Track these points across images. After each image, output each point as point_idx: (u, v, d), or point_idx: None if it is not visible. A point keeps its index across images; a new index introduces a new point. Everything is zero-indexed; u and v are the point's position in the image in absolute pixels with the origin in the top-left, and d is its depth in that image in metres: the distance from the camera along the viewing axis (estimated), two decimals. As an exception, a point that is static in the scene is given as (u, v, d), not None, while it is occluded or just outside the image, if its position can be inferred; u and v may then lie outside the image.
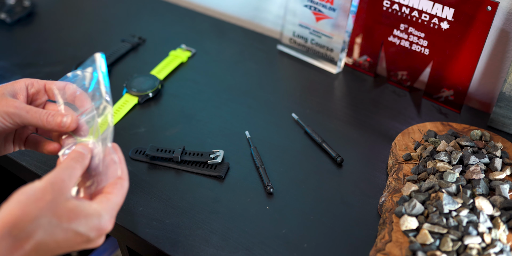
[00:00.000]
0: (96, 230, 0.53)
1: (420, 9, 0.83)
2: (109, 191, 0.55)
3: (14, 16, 1.06)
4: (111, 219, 0.54)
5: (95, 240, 0.54)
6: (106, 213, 0.53)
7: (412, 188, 0.69)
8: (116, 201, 0.55)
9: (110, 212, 0.54)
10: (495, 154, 0.73)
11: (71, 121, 0.59)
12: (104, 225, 0.53)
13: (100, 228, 0.53)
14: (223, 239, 0.68)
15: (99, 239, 0.55)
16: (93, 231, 0.53)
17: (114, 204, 0.55)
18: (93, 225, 0.52)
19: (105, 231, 0.54)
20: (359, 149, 0.80)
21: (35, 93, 0.63)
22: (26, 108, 0.59)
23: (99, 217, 0.53)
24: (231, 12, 1.13)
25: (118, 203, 0.55)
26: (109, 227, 0.54)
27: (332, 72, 0.95)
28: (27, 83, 0.62)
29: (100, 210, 0.53)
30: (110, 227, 0.54)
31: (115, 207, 0.55)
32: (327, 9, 0.91)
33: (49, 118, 0.59)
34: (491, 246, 0.61)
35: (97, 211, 0.53)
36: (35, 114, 0.59)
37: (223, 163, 0.76)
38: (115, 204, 0.55)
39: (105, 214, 0.53)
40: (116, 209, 0.55)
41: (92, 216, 0.52)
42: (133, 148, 0.79)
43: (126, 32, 1.04)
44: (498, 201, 0.67)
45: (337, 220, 0.70)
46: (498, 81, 0.87)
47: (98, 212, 0.53)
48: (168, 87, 0.91)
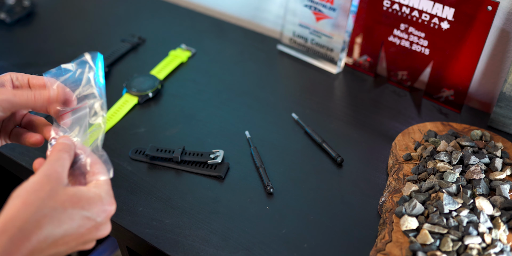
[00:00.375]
0: (102, 212, 0.53)
1: (420, 9, 0.83)
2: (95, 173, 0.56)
3: (14, 16, 1.06)
4: (111, 199, 0.54)
5: (104, 225, 0.54)
6: (106, 194, 0.54)
7: (412, 188, 0.69)
8: (107, 181, 0.56)
9: (108, 192, 0.55)
10: (495, 154, 0.73)
11: (58, 91, 0.59)
12: (108, 205, 0.54)
13: (105, 209, 0.53)
14: (223, 239, 0.68)
15: (107, 224, 0.55)
16: (99, 213, 0.53)
17: (106, 184, 0.55)
18: (98, 208, 0.53)
19: (110, 212, 0.54)
20: (359, 149, 0.80)
21: (19, 86, 0.63)
22: (12, 92, 0.58)
23: (100, 198, 0.53)
24: (231, 12, 1.13)
25: (108, 182, 0.56)
26: (113, 207, 0.54)
27: (332, 72, 0.95)
28: (13, 76, 0.62)
29: (100, 192, 0.53)
30: (114, 207, 0.55)
31: (109, 187, 0.55)
32: (327, 9, 0.91)
33: (36, 95, 0.59)
34: (491, 246, 0.61)
35: (97, 194, 0.53)
36: (22, 96, 0.58)
37: (223, 163, 0.76)
38: (107, 184, 0.55)
39: (105, 195, 0.54)
40: (111, 189, 0.55)
41: (94, 199, 0.53)
42: (133, 148, 0.79)
43: (126, 32, 1.04)
44: (498, 201, 0.67)
45: (337, 220, 0.70)
46: (498, 81, 0.87)
47: (98, 194, 0.53)
48: (168, 87, 0.91)
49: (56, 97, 0.59)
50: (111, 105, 0.87)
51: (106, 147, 0.80)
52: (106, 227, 0.55)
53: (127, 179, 0.75)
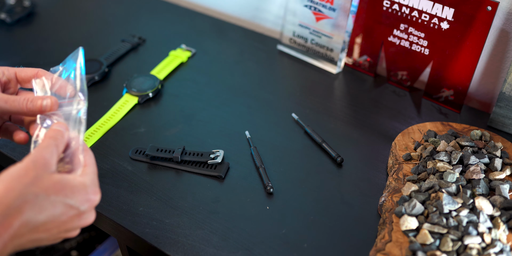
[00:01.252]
0: (85, 201, 0.53)
1: (420, 9, 0.83)
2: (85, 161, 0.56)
3: (14, 16, 1.06)
4: (96, 188, 0.55)
5: (87, 213, 0.54)
6: (91, 183, 0.54)
7: (412, 188, 0.69)
8: (93, 170, 0.56)
9: (94, 181, 0.55)
10: (495, 154, 0.73)
11: (52, 103, 0.59)
12: (92, 194, 0.54)
13: (89, 199, 0.53)
14: (223, 239, 0.68)
15: (91, 213, 0.55)
16: (82, 202, 0.53)
17: (93, 173, 0.55)
18: (81, 196, 0.53)
19: (94, 201, 0.54)
20: (359, 149, 0.80)
21: (7, 81, 0.63)
22: (3, 98, 0.59)
23: (85, 187, 0.53)
24: (231, 12, 1.13)
25: (94, 172, 0.56)
26: (97, 197, 0.55)
27: (332, 72, 0.95)
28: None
29: (85, 181, 0.54)
30: (98, 197, 0.55)
31: (95, 177, 0.55)
32: (327, 9, 0.91)
33: (29, 105, 0.59)
34: (491, 246, 0.61)
35: (81, 182, 0.53)
36: (14, 103, 0.59)
37: (223, 163, 0.76)
38: (93, 174, 0.55)
39: (90, 184, 0.54)
40: (96, 179, 0.56)
41: (78, 187, 0.53)
42: (133, 148, 0.79)
43: (126, 32, 1.04)
44: (498, 201, 0.67)
45: (337, 220, 0.70)
46: (498, 81, 0.87)
47: (83, 183, 0.53)
48: (168, 87, 0.91)
49: (50, 108, 0.59)
50: (111, 105, 0.87)
51: (106, 147, 0.80)
52: (90, 216, 0.55)
53: (127, 179, 0.75)
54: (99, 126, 0.83)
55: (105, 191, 0.73)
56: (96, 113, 0.85)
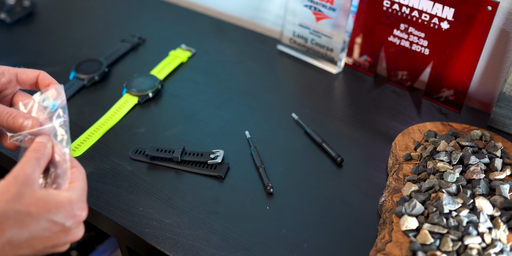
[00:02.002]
0: (70, 217, 0.52)
1: (420, 9, 0.83)
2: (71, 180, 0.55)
3: (14, 16, 1.06)
4: (82, 204, 0.54)
5: (74, 229, 0.53)
6: (76, 199, 0.53)
7: (412, 188, 0.69)
8: (81, 186, 0.55)
9: (80, 197, 0.54)
10: (495, 154, 0.73)
11: (32, 124, 0.58)
12: (78, 211, 0.53)
13: (75, 215, 0.53)
14: (223, 239, 0.68)
15: (78, 229, 0.54)
16: (67, 218, 0.52)
17: (81, 189, 0.54)
18: (66, 212, 0.52)
19: (80, 217, 0.53)
20: (359, 149, 0.80)
21: (5, 82, 0.62)
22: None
23: (70, 203, 0.52)
24: (231, 12, 1.13)
25: (83, 188, 0.55)
26: (84, 213, 0.54)
27: (332, 72, 0.95)
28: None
29: (70, 197, 0.53)
30: (85, 213, 0.54)
31: (83, 192, 0.55)
32: (327, 9, 0.91)
33: (9, 120, 0.58)
34: (491, 246, 0.61)
35: (67, 198, 0.52)
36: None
37: (223, 163, 0.76)
38: (82, 189, 0.55)
39: (76, 200, 0.53)
40: (84, 195, 0.55)
41: (63, 203, 0.52)
42: (133, 148, 0.79)
43: (126, 32, 1.04)
44: (498, 201, 0.67)
45: (337, 220, 0.70)
46: (498, 81, 0.87)
47: (68, 199, 0.52)
48: (168, 87, 0.91)
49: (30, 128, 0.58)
50: (111, 105, 0.87)
51: (106, 147, 0.80)
52: (77, 232, 0.54)
53: (127, 179, 0.75)
54: (99, 126, 0.83)
55: (105, 191, 0.73)
56: (96, 113, 0.85)
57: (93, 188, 0.74)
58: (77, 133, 0.82)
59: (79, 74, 0.91)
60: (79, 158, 0.78)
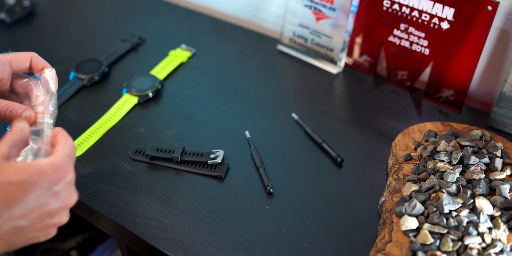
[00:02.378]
0: (56, 179, 0.52)
1: (420, 9, 0.83)
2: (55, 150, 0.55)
3: (14, 16, 1.06)
4: (66, 166, 0.53)
5: (63, 192, 0.53)
6: (59, 162, 0.53)
7: (412, 188, 0.69)
8: (65, 152, 0.54)
9: (63, 160, 0.53)
10: (495, 154, 0.73)
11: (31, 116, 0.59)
12: (62, 173, 0.52)
13: (59, 177, 0.52)
14: (223, 239, 0.68)
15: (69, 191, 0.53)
16: (52, 181, 0.51)
17: (64, 154, 0.54)
18: (50, 175, 0.51)
19: (65, 179, 0.53)
20: (359, 149, 0.80)
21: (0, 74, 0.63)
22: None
23: (52, 166, 0.52)
24: (231, 12, 1.13)
25: (67, 153, 0.55)
26: (69, 175, 0.53)
27: (332, 72, 0.95)
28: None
29: (50, 161, 0.52)
30: (71, 175, 0.53)
31: (66, 157, 0.54)
32: (327, 9, 0.91)
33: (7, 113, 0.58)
34: (491, 246, 0.61)
35: (47, 162, 0.52)
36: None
37: (223, 163, 0.76)
38: (65, 155, 0.54)
39: (58, 162, 0.53)
40: (68, 159, 0.54)
41: (44, 167, 0.51)
42: (133, 148, 0.79)
43: (126, 32, 1.04)
44: (498, 201, 0.67)
45: (337, 220, 0.70)
46: (498, 81, 0.87)
47: (49, 162, 0.52)
48: (168, 87, 0.91)
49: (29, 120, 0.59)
50: (111, 105, 0.87)
51: (106, 147, 0.80)
52: (69, 195, 0.54)
53: (127, 179, 0.75)
54: (99, 126, 0.83)
55: (105, 191, 0.73)
56: (96, 113, 0.85)
57: (93, 188, 0.74)
58: (77, 133, 0.82)
59: (79, 74, 0.91)
60: (79, 158, 0.78)
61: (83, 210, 0.74)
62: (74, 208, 0.76)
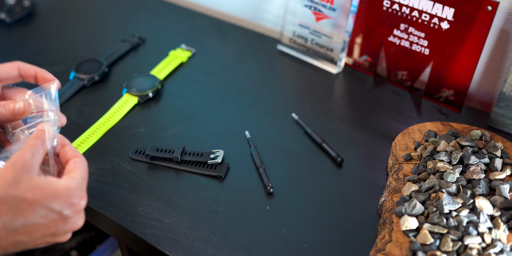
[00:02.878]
0: (68, 205, 0.52)
1: (420, 9, 0.83)
2: (71, 169, 0.55)
3: (14, 16, 1.06)
4: (81, 192, 0.53)
5: (72, 218, 0.53)
6: (75, 187, 0.53)
7: (412, 188, 0.69)
8: (82, 175, 0.55)
9: (79, 186, 0.53)
10: (495, 154, 0.73)
11: (25, 106, 0.59)
12: (76, 199, 0.52)
13: (73, 203, 0.52)
14: (223, 239, 0.68)
15: (77, 218, 0.54)
16: (65, 206, 0.52)
17: (81, 178, 0.54)
18: (64, 200, 0.51)
19: (78, 206, 0.53)
20: (359, 149, 0.80)
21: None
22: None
23: (68, 191, 0.52)
24: (231, 12, 1.13)
25: (83, 177, 0.55)
26: (82, 202, 0.53)
27: (332, 72, 0.95)
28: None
29: (68, 185, 0.52)
30: (84, 202, 0.54)
31: (83, 181, 0.54)
32: (327, 9, 0.91)
33: (1, 110, 0.58)
34: (491, 246, 0.61)
35: (65, 186, 0.52)
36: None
37: (223, 163, 0.76)
38: (81, 178, 0.54)
39: (75, 188, 0.53)
40: (84, 183, 0.54)
41: (61, 191, 0.51)
42: (133, 148, 0.79)
43: (126, 32, 1.04)
44: (498, 201, 0.67)
45: (337, 220, 0.70)
46: (498, 81, 0.87)
47: (66, 187, 0.52)
48: (168, 87, 0.91)
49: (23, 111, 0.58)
50: (111, 105, 0.87)
51: (106, 147, 0.80)
52: (76, 221, 0.54)
53: (127, 179, 0.75)
54: (99, 126, 0.83)
55: (105, 191, 0.73)
56: (96, 113, 0.85)
57: (93, 188, 0.74)
58: (77, 133, 0.82)
59: (79, 74, 0.91)
60: (79, 158, 0.78)
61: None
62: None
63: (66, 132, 0.82)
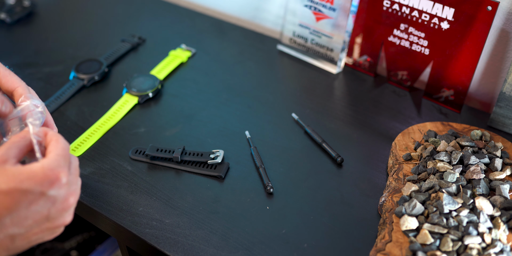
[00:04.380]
0: (48, 184, 0.50)
1: (420, 9, 0.83)
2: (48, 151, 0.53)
3: (14, 16, 1.06)
4: (59, 168, 0.51)
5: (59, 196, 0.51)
6: (50, 165, 0.51)
7: (412, 188, 0.69)
8: (57, 153, 0.52)
9: (55, 162, 0.51)
10: (495, 154, 0.73)
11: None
12: (54, 175, 0.50)
13: (51, 181, 0.50)
14: (223, 239, 0.68)
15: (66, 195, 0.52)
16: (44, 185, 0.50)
17: (56, 155, 0.52)
18: (41, 180, 0.50)
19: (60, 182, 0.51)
20: (359, 149, 0.80)
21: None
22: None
23: (43, 170, 0.50)
24: (231, 12, 1.13)
25: (59, 154, 0.53)
26: (64, 177, 0.51)
27: (332, 72, 0.95)
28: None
29: (42, 165, 0.51)
30: (65, 178, 0.51)
31: (59, 158, 0.52)
32: (327, 9, 0.91)
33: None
34: (491, 246, 0.61)
35: (39, 167, 0.50)
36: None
37: (223, 163, 0.76)
38: (57, 155, 0.52)
39: (50, 166, 0.51)
40: (61, 160, 0.52)
41: (36, 172, 0.50)
42: (133, 148, 0.79)
43: (126, 32, 1.04)
44: (498, 201, 0.67)
45: (337, 220, 0.70)
46: (498, 81, 0.87)
47: (40, 167, 0.50)
48: (168, 87, 0.91)
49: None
50: (111, 105, 0.87)
51: (106, 147, 0.80)
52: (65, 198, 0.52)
53: (127, 179, 0.75)
54: (99, 126, 0.83)
55: (105, 191, 0.73)
56: (96, 113, 0.85)
57: (93, 188, 0.74)
58: (77, 133, 0.82)
59: (79, 74, 0.91)
60: (79, 158, 0.78)
61: (83, 210, 0.74)
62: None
63: (66, 132, 0.82)
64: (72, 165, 0.54)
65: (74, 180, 0.54)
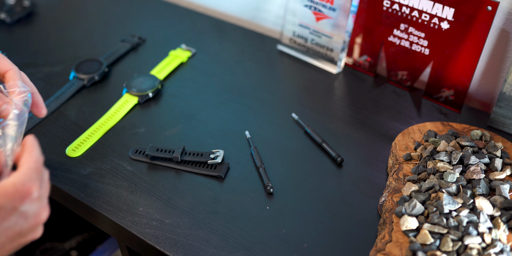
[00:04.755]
0: (19, 199, 0.49)
1: (420, 9, 0.83)
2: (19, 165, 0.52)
3: (14, 16, 1.06)
4: (30, 182, 0.50)
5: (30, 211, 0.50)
6: (21, 179, 0.50)
7: (412, 188, 0.69)
8: (28, 166, 0.51)
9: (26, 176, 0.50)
10: (495, 154, 0.73)
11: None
12: (23, 188, 0.49)
13: (22, 196, 0.49)
14: (223, 239, 0.68)
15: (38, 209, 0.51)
16: (16, 201, 0.49)
17: (27, 169, 0.51)
18: (12, 196, 0.49)
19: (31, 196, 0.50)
20: (359, 149, 0.80)
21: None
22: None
23: (14, 185, 0.49)
24: (231, 12, 1.13)
25: (31, 167, 0.51)
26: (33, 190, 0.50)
27: (332, 72, 0.95)
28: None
29: (13, 180, 0.49)
30: (36, 190, 0.50)
31: (30, 172, 0.51)
32: (327, 9, 0.91)
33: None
34: (491, 246, 0.61)
35: (10, 182, 0.49)
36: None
37: (223, 163, 0.76)
38: (28, 169, 0.51)
39: (20, 180, 0.50)
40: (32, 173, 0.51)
41: (6, 188, 0.49)
42: (133, 148, 0.79)
43: (126, 32, 1.04)
44: (498, 201, 0.67)
45: (337, 220, 0.70)
46: (498, 81, 0.87)
47: (11, 183, 0.49)
48: (168, 87, 0.91)
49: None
50: (111, 105, 0.87)
51: (106, 147, 0.80)
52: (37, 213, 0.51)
53: (127, 179, 0.75)
54: (99, 126, 0.83)
55: (105, 191, 0.73)
56: (96, 113, 0.85)
57: (93, 188, 0.74)
58: (77, 133, 0.82)
59: (79, 74, 0.91)
60: (79, 158, 0.78)
61: (83, 210, 0.74)
62: (74, 208, 0.76)
63: (66, 132, 0.82)
64: (43, 178, 0.53)
65: (45, 194, 0.53)
